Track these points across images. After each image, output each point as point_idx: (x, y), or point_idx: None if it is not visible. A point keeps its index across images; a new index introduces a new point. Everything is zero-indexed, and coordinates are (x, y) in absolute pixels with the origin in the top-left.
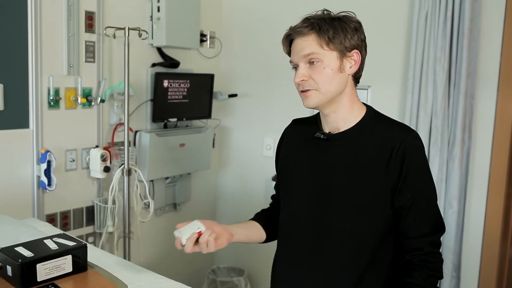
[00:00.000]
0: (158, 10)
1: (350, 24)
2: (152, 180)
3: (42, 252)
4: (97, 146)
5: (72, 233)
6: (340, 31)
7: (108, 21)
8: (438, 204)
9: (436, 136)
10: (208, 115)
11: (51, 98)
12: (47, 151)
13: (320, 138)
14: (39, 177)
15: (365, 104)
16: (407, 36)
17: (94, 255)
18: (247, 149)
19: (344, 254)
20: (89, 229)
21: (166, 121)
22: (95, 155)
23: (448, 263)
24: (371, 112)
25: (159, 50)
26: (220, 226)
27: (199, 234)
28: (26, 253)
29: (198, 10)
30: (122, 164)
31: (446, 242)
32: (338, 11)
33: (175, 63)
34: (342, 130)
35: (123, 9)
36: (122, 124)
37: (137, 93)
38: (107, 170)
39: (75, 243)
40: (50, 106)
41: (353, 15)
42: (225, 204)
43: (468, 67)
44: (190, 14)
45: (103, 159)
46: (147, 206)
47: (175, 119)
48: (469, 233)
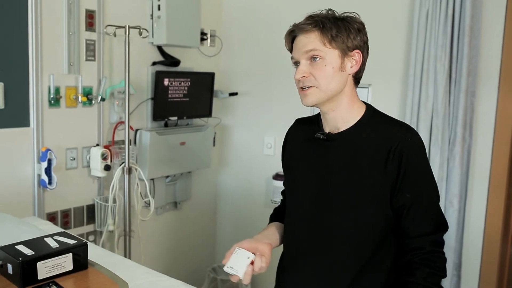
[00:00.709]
0: (159, 9)
1: (353, 25)
2: (152, 179)
3: (42, 250)
4: (97, 145)
5: (72, 231)
6: (343, 31)
7: (108, 19)
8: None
9: (436, 134)
10: (209, 114)
11: (52, 96)
12: (48, 150)
13: (320, 138)
14: (39, 175)
15: (365, 102)
16: (407, 34)
17: (94, 253)
18: (248, 147)
19: (345, 254)
20: (89, 227)
21: (166, 119)
22: (96, 153)
23: (449, 261)
24: (371, 111)
25: (160, 48)
26: (260, 243)
27: (252, 263)
28: (27, 251)
29: (198, 8)
30: (123, 162)
31: (447, 240)
32: (339, 9)
33: (175, 62)
34: (341, 130)
35: (124, 7)
36: (123, 122)
37: (137, 91)
38: (107, 168)
39: (75, 241)
40: (50, 104)
41: (357, 16)
42: (225, 202)
43: (468, 65)
44: (191, 12)
45: (104, 158)
46: (147, 204)
47: (175, 118)
48: (469, 231)
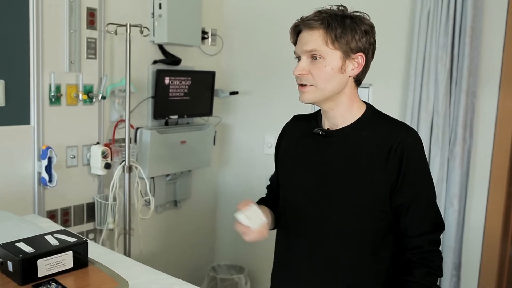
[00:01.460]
0: (160, 7)
1: (361, 26)
2: (152, 177)
3: (43, 248)
4: (98, 143)
5: (72, 229)
6: (348, 31)
7: (109, 17)
8: (438, 202)
9: (437, 134)
10: (209, 113)
11: (52, 94)
12: (48, 148)
13: (319, 134)
14: (40, 173)
15: (365, 102)
16: (409, 34)
17: (94, 251)
18: (248, 146)
19: (344, 252)
20: (89, 225)
21: (167, 118)
22: (96, 151)
23: (448, 261)
24: (371, 111)
25: (161, 47)
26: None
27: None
28: (27, 248)
29: (199, 7)
30: (123, 161)
31: (447, 240)
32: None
33: (176, 60)
34: (340, 127)
35: (125, 5)
36: (123, 121)
37: (138, 90)
38: (108, 166)
39: (75, 239)
40: (51, 102)
41: (366, 17)
42: (225, 201)
43: (469, 65)
44: (192, 11)
45: (104, 156)
46: (147, 203)
47: (176, 116)
48: (469, 231)
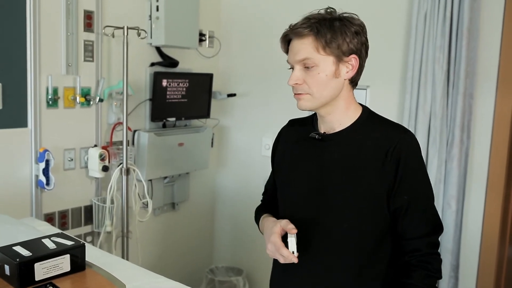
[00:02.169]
0: (157, 10)
1: (350, 28)
2: (150, 180)
3: (40, 251)
4: (95, 146)
5: (70, 232)
6: (338, 35)
7: (107, 20)
8: (436, 204)
9: (434, 136)
10: (207, 115)
11: (50, 97)
12: (46, 150)
13: (315, 138)
14: (37, 176)
15: (361, 104)
16: (406, 36)
17: (92, 254)
18: (246, 148)
19: (341, 254)
20: (87, 228)
21: (164, 120)
22: (94, 154)
23: (446, 263)
24: (367, 113)
25: (158, 49)
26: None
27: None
28: (24, 252)
29: (197, 9)
30: (121, 163)
31: (444, 242)
32: (338, 10)
33: (174, 63)
34: (337, 131)
35: (122, 8)
36: (121, 123)
37: (135, 92)
38: (105, 169)
39: (73, 243)
40: (48, 105)
41: (356, 17)
42: (223, 203)
43: (466, 67)
44: (189, 13)
45: (102, 159)
46: (145, 205)
47: (173, 119)
48: (467, 233)
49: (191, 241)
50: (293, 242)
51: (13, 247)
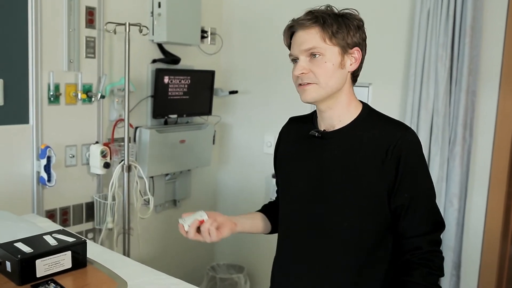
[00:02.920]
0: (159, 6)
1: (353, 22)
2: (152, 177)
3: (41, 248)
4: (97, 142)
5: (71, 229)
6: (343, 27)
7: (108, 16)
8: (438, 202)
9: (437, 134)
10: (209, 112)
11: (51, 93)
12: (47, 147)
13: (315, 136)
14: (38, 172)
15: (362, 101)
16: (408, 33)
17: (93, 251)
18: (248, 146)
19: (342, 253)
20: (88, 225)
21: (166, 117)
22: (95, 151)
23: (448, 261)
24: (367, 110)
25: (160, 46)
26: (223, 216)
27: (201, 222)
28: (26, 248)
29: (199, 6)
30: (122, 160)
31: (446, 240)
32: (339, 8)
33: (175, 59)
34: (337, 128)
35: (124, 4)
36: (122, 120)
37: (137, 89)
38: (107, 166)
39: (74, 239)
40: (50, 101)
41: (356, 13)
42: (225, 201)
43: (469, 64)
44: (191, 10)
45: (103, 155)
46: (147, 202)
47: (175, 116)
48: (469, 231)
49: None
50: (184, 221)
51: (14, 244)
